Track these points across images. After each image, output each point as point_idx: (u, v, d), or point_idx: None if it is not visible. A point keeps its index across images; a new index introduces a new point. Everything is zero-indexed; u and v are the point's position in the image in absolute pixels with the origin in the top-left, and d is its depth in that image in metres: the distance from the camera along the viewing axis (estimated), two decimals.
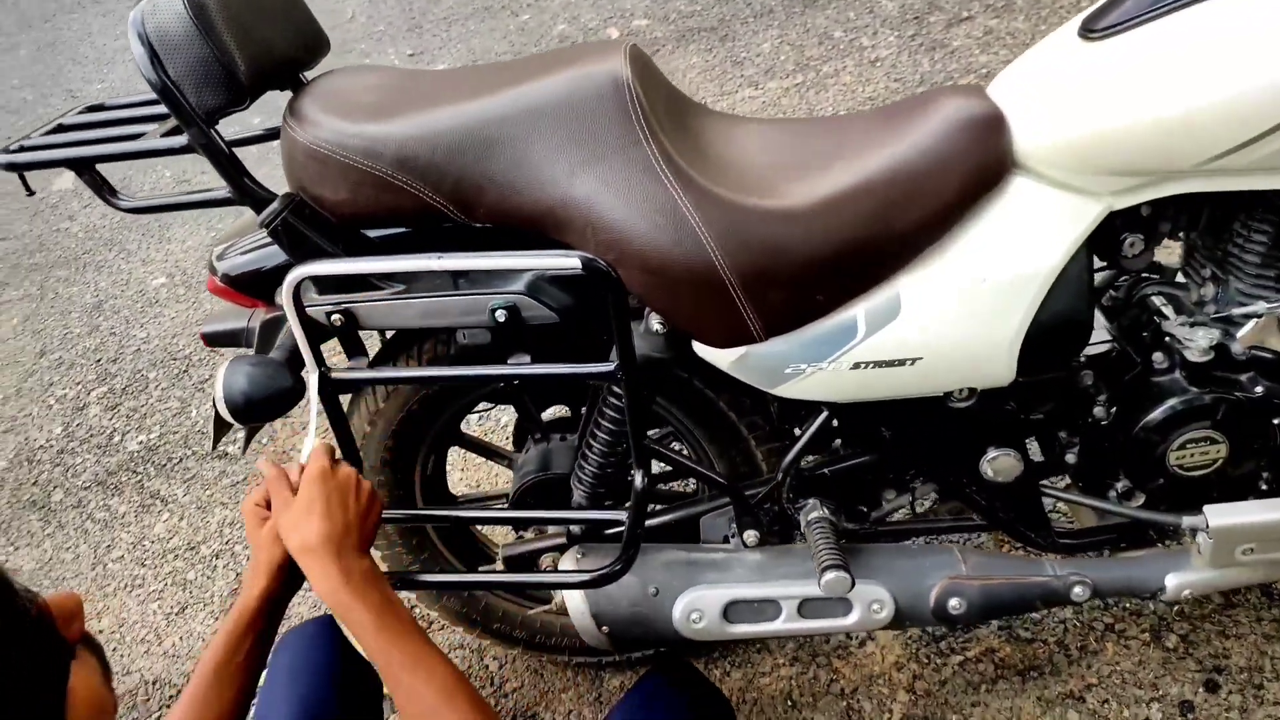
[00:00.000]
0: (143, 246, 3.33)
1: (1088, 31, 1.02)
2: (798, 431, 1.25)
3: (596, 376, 1.13)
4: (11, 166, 1.11)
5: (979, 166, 1.04)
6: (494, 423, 2.15)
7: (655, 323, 1.11)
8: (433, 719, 0.86)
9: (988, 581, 1.18)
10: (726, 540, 1.25)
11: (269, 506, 1.02)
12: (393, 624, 0.90)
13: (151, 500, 2.23)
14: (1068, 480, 1.30)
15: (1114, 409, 1.16)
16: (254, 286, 1.20)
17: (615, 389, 1.18)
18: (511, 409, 1.47)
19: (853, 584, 1.10)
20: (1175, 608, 1.54)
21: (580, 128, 1.03)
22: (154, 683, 1.80)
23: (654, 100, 1.08)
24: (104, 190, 1.12)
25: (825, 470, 1.25)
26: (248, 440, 1.41)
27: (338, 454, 0.99)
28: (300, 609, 1.84)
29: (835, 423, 1.30)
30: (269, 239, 1.12)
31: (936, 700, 1.50)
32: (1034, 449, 1.24)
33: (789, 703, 1.54)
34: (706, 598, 1.17)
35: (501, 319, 1.09)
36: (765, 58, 3.52)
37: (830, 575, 1.09)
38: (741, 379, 1.12)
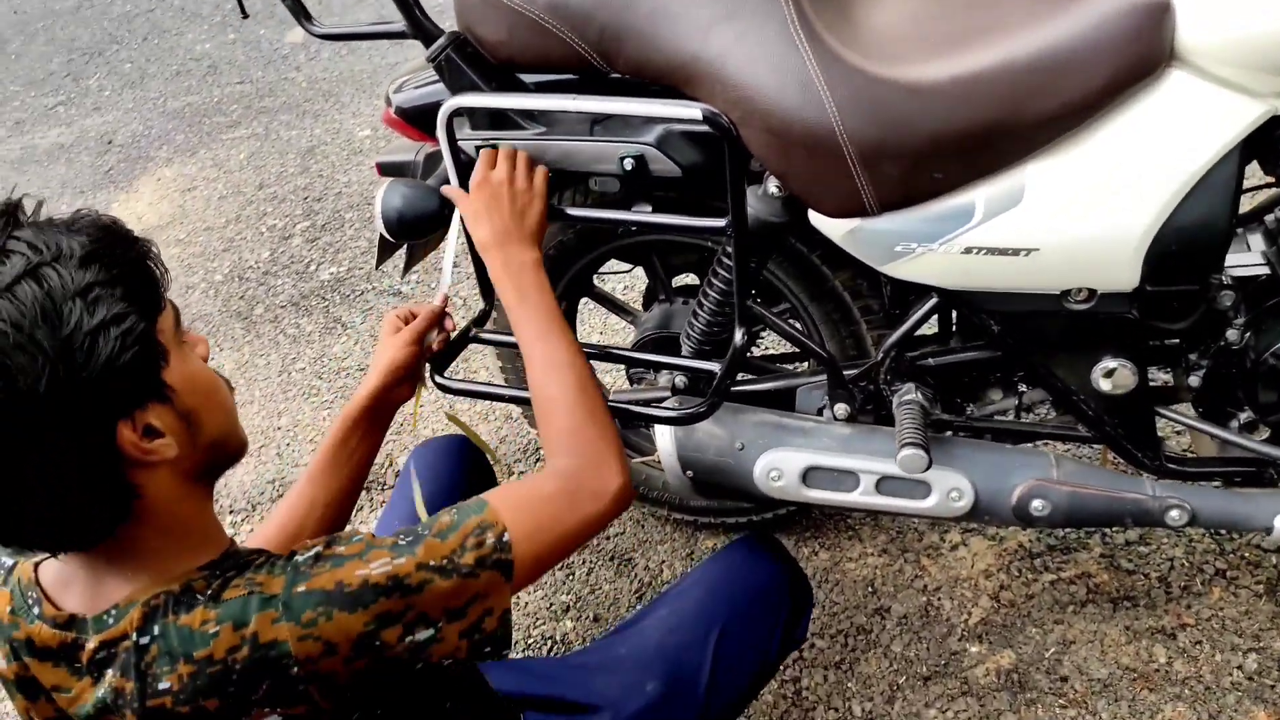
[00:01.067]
0: (355, 100, 3.61)
1: None
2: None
3: (708, 231, 1.18)
4: None
5: (1133, 56, 0.99)
6: (636, 293, 2.24)
7: (773, 186, 1.14)
8: (563, 371, 1.01)
9: (1078, 489, 1.17)
10: (820, 413, 1.29)
11: (407, 323, 1.18)
12: (535, 307, 1.06)
13: (334, 324, 2.49)
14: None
15: (1248, 334, 1.10)
16: (422, 121, 1.32)
17: (728, 249, 1.22)
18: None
19: (929, 464, 1.12)
20: None
21: None
22: None
23: None
24: (300, 15, 1.26)
25: (930, 360, 1.26)
26: (407, 266, 1.57)
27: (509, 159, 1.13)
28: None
29: (951, 314, 1.30)
30: (438, 77, 1.23)
31: (1019, 612, 1.50)
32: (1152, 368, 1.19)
33: (869, 589, 1.58)
34: (788, 459, 1.22)
35: (629, 168, 1.15)
36: None
37: (907, 452, 1.11)
38: (852, 253, 1.14)
